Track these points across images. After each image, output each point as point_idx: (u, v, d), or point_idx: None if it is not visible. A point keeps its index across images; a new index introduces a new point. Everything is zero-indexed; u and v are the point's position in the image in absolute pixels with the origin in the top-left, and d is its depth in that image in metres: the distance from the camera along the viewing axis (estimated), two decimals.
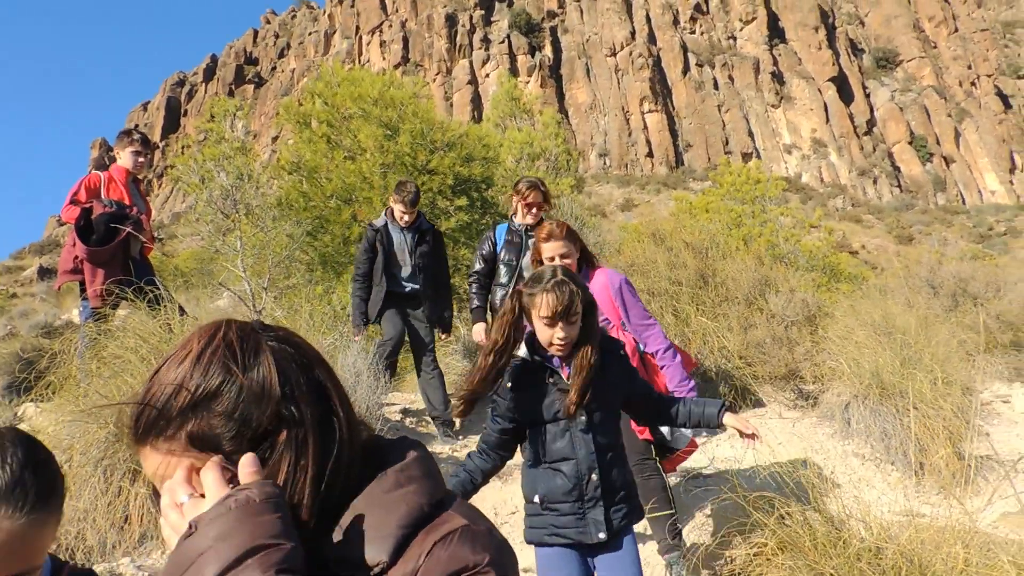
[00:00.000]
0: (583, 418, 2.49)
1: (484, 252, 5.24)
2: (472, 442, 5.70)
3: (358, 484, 1.00)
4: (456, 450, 5.60)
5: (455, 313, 6.80)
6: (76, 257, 5.31)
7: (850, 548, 2.74)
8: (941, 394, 4.67)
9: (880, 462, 4.95)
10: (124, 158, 5.71)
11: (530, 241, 4.86)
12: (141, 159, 5.76)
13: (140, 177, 5.92)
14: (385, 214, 5.95)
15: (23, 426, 5.03)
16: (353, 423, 1.03)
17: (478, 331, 5.19)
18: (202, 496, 0.91)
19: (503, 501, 4.79)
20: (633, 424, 3.42)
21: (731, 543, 3.27)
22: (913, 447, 4.49)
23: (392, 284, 5.78)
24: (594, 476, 2.49)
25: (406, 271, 5.85)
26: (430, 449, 4.54)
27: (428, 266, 5.90)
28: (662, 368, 3.62)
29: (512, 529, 4.43)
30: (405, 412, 6.55)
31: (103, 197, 5.47)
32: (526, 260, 4.93)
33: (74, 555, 3.57)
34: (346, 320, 8.19)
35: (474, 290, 5.29)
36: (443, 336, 6.30)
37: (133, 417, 0.97)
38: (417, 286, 5.86)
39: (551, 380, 2.53)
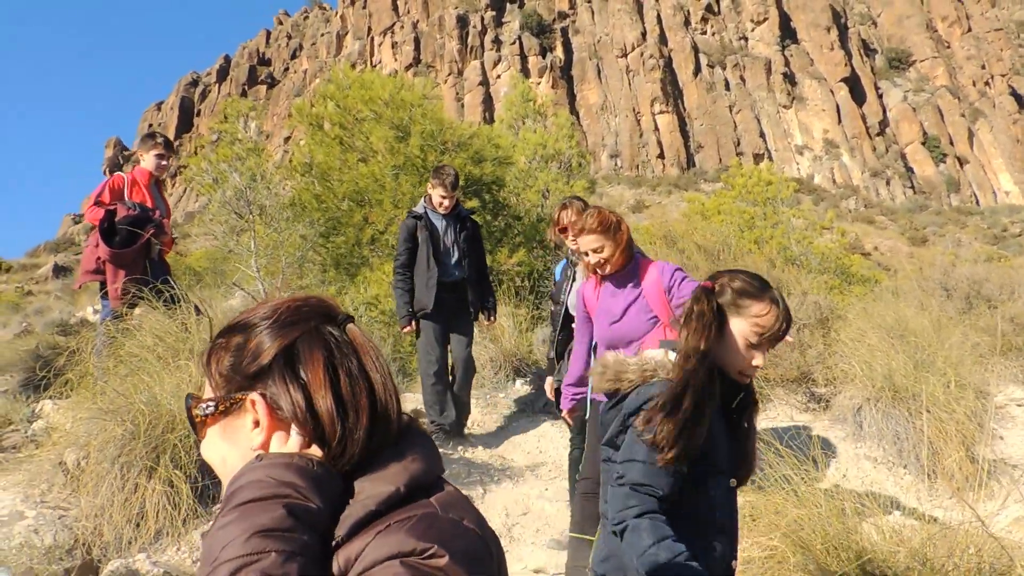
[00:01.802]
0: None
1: (552, 294, 4.87)
2: (484, 449, 5.70)
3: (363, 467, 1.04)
4: (471, 453, 5.59)
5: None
6: (99, 258, 5.39)
7: (863, 552, 2.74)
8: (954, 397, 4.66)
9: (892, 465, 4.94)
10: (148, 161, 5.80)
11: (575, 271, 4.50)
12: (164, 162, 5.85)
13: (161, 179, 5.99)
14: (423, 201, 5.73)
15: (41, 423, 5.09)
16: (374, 427, 1.05)
17: (550, 384, 4.60)
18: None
19: (514, 502, 4.81)
20: None
21: (743, 545, 3.28)
22: (926, 450, 4.47)
23: (441, 272, 5.56)
24: (734, 563, 1.97)
25: (453, 258, 5.67)
26: (464, 457, 4.55)
27: (471, 253, 5.76)
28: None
29: (523, 530, 4.45)
30: (417, 413, 6.57)
31: (126, 199, 5.54)
32: (573, 297, 4.36)
33: (91, 550, 3.61)
34: (359, 320, 8.23)
35: (552, 334, 4.76)
36: (488, 323, 6.19)
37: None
38: (463, 274, 5.70)
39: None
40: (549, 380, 4.63)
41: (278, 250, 9.61)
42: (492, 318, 6.11)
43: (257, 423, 1.03)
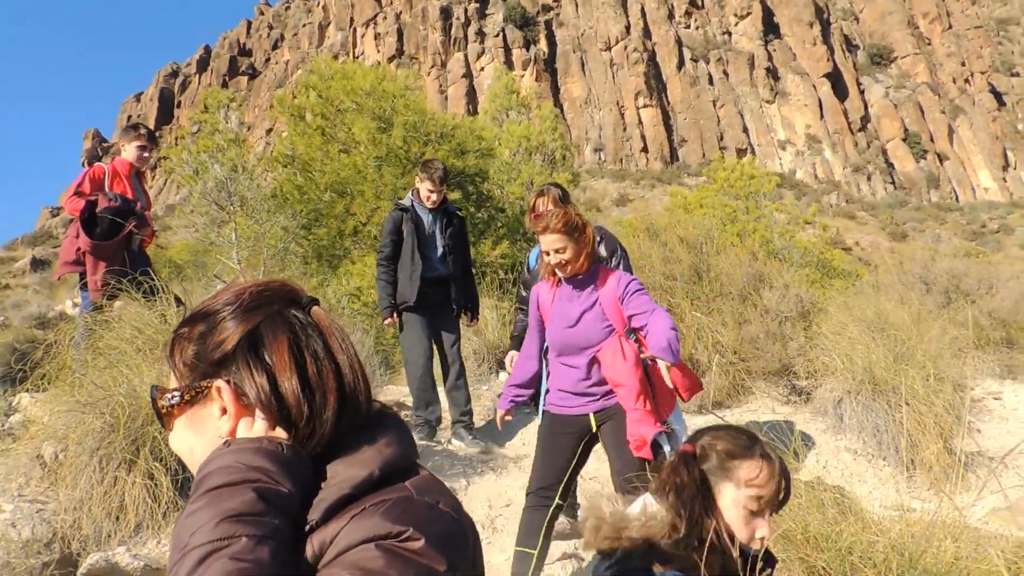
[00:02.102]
0: None
1: (524, 279, 4.85)
2: (490, 449, 5.66)
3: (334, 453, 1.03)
4: (473, 451, 5.56)
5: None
6: (79, 249, 5.32)
7: (842, 542, 2.76)
8: (933, 390, 4.71)
9: (872, 457, 4.98)
10: (129, 152, 5.72)
11: None
12: (146, 154, 5.78)
13: (142, 171, 5.92)
14: (411, 195, 5.64)
15: (18, 416, 5.03)
16: (343, 411, 1.05)
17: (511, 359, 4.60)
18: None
19: (497, 494, 4.81)
20: (632, 438, 3.13)
21: None
22: (905, 443, 4.52)
23: (426, 266, 5.48)
24: None
25: (437, 253, 5.58)
26: (447, 449, 4.51)
27: (456, 249, 5.67)
28: (644, 329, 3.21)
29: (507, 521, 4.45)
30: (399, 406, 6.56)
31: (107, 190, 5.47)
32: None
33: (70, 544, 3.58)
34: (341, 312, 8.20)
35: (520, 318, 4.86)
36: (470, 324, 6.14)
37: None
38: (447, 270, 5.61)
39: None
40: (512, 353, 4.57)
41: (260, 242, 9.56)
42: (475, 319, 6.04)
43: (224, 411, 1.02)
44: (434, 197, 5.48)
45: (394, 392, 7.06)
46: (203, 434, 1.04)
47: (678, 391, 3.37)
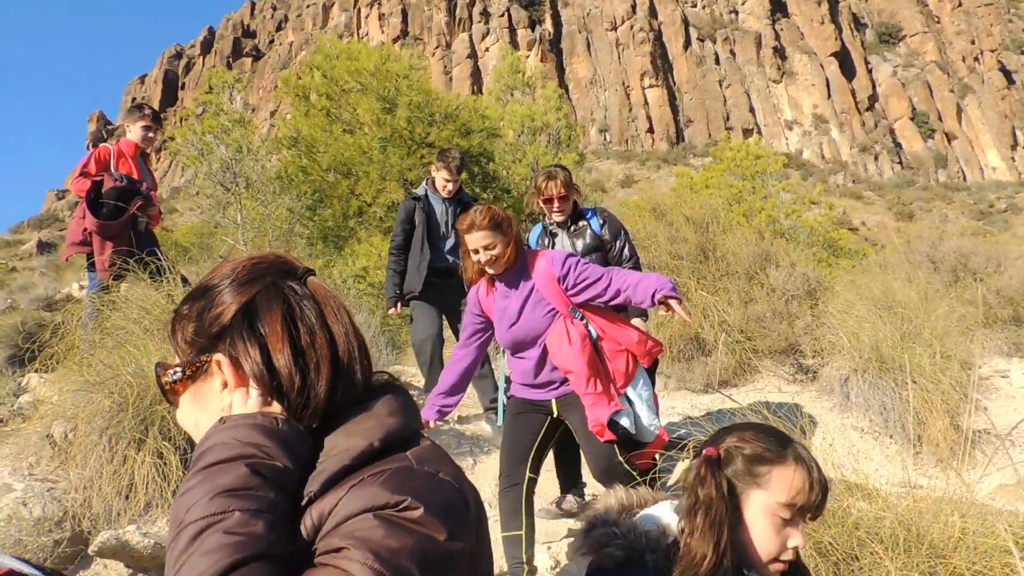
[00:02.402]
0: None
1: None
2: (475, 421, 5.72)
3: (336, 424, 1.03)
4: (463, 425, 5.60)
5: None
6: (85, 230, 5.33)
7: (849, 518, 2.77)
8: (940, 368, 4.70)
9: (879, 435, 4.99)
10: (134, 132, 5.71)
11: (554, 243, 4.37)
12: (151, 134, 5.77)
13: (147, 152, 5.91)
14: (425, 183, 5.54)
15: (28, 396, 5.07)
16: (339, 380, 1.05)
17: None
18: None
19: None
20: (591, 424, 3.08)
21: None
22: (911, 420, 4.51)
23: (435, 256, 5.37)
24: None
25: (449, 243, 5.43)
26: (455, 428, 4.49)
27: None
28: (632, 288, 3.07)
29: None
30: (407, 386, 6.58)
31: (113, 171, 5.47)
32: None
33: (80, 523, 3.61)
34: (347, 292, 8.21)
35: None
36: None
37: None
38: (457, 261, 5.34)
39: None
40: None
41: (265, 223, 9.56)
42: None
43: (225, 384, 1.02)
44: (450, 186, 5.39)
45: (400, 372, 7.08)
46: (207, 408, 1.05)
47: (637, 358, 3.28)
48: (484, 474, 4.82)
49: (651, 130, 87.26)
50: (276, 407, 1.01)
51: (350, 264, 9.36)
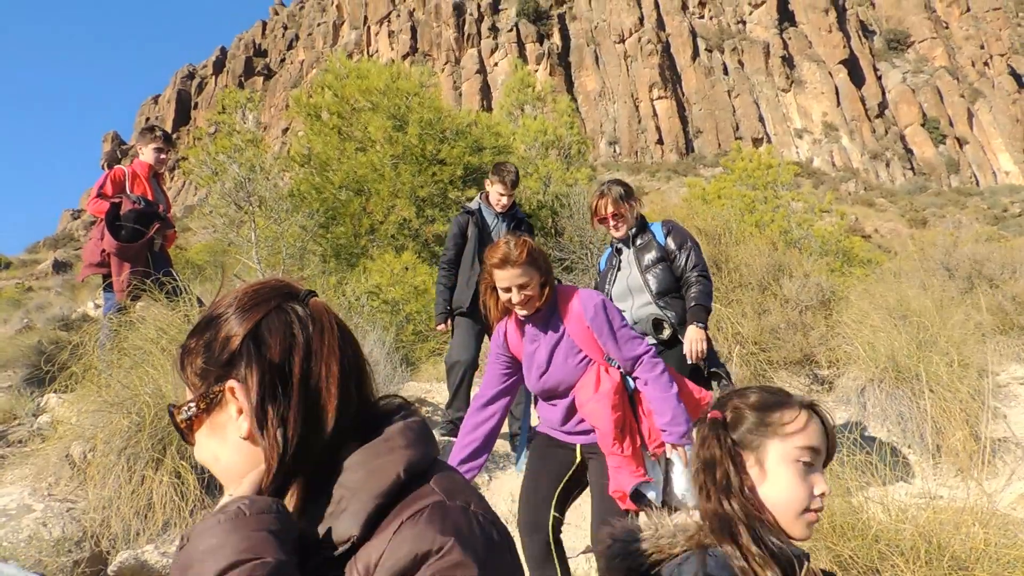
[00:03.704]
0: None
1: (597, 285, 4.52)
2: None
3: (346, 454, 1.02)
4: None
5: None
6: (103, 251, 5.39)
7: (869, 530, 2.75)
8: (957, 376, 4.66)
9: (897, 445, 4.95)
10: (147, 154, 5.79)
11: (621, 260, 4.16)
12: (163, 155, 5.85)
13: (160, 172, 5.99)
14: (479, 198, 5.45)
15: (46, 417, 5.11)
16: (343, 402, 1.04)
17: None
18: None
19: (520, 488, 4.82)
20: (611, 488, 2.76)
21: None
22: (930, 429, 4.49)
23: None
24: None
25: None
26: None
27: None
28: (653, 400, 2.83)
29: None
30: (420, 402, 6.58)
31: (129, 192, 5.54)
32: (619, 286, 4.11)
33: (99, 542, 3.62)
34: (360, 310, 8.23)
35: None
36: None
37: None
38: None
39: None
40: None
41: (278, 241, 9.61)
42: None
43: (241, 411, 1.02)
44: (504, 201, 5.30)
45: (414, 389, 7.08)
46: (225, 439, 1.04)
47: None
48: (500, 490, 4.81)
49: (660, 141, 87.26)
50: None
51: (363, 281, 9.39)
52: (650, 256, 4.03)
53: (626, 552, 1.48)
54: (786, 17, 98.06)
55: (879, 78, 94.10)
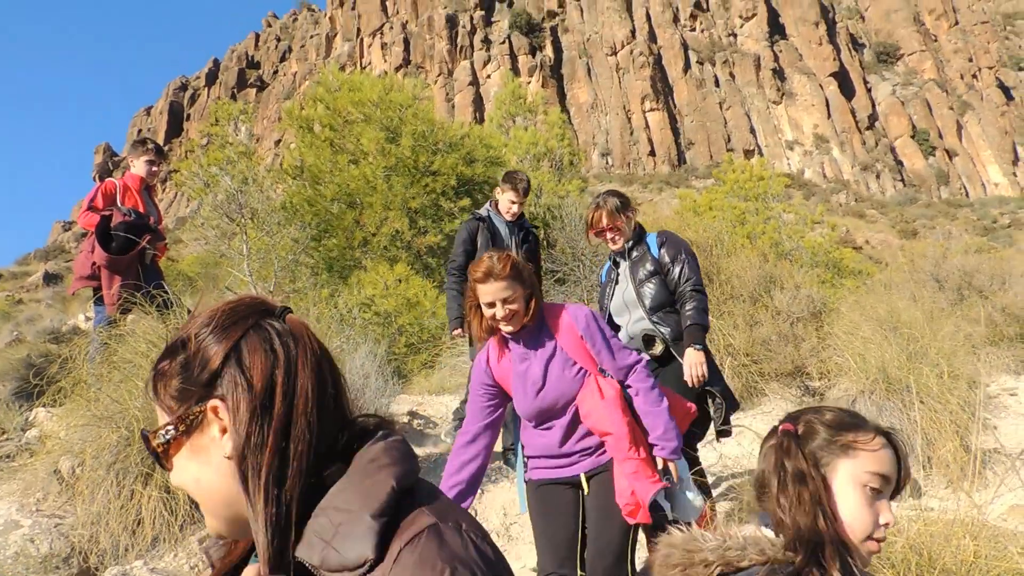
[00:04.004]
0: None
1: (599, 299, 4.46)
2: None
3: (331, 476, 1.01)
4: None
5: None
6: (94, 264, 5.38)
7: None
8: (947, 388, 4.68)
9: None
10: (138, 166, 5.78)
11: (619, 273, 4.07)
12: (155, 168, 5.84)
13: (152, 184, 5.98)
14: (489, 205, 5.40)
15: (35, 431, 5.07)
16: (322, 420, 1.03)
17: None
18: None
19: (512, 501, 4.81)
20: (624, 499, 2.63)
21: None
22: (920, 441, 4.49)
23: None
24: None
25: None
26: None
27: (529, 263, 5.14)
28: (644, 414, 2.79)
29: (521, 529, 4.45)
30: (412, 414, 6.57)
31: (120, 205, 5.53)
32: (616, 301, 4.03)
33: (87, 558, 3.59)
34: (352, 322, 8.22)
35: None
36: None
37: None
38: None
39: None
40: None
41: (270, 253, 9.59)
42: None
43: (224, 430, 1.00)
44: (515, 208, 5.27)
45: (407, 401, 7.07)
46: (208, 460, 1.02)
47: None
48: (492, 503, 4.80)
49: (652, 153, 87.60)
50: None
51: (355, 293, 9.38)
52: (644, 269, 3.93)
53: (689, 562, 1.40)
54: (777, 30, 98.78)
55: (869, 90, 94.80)
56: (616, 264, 4.07)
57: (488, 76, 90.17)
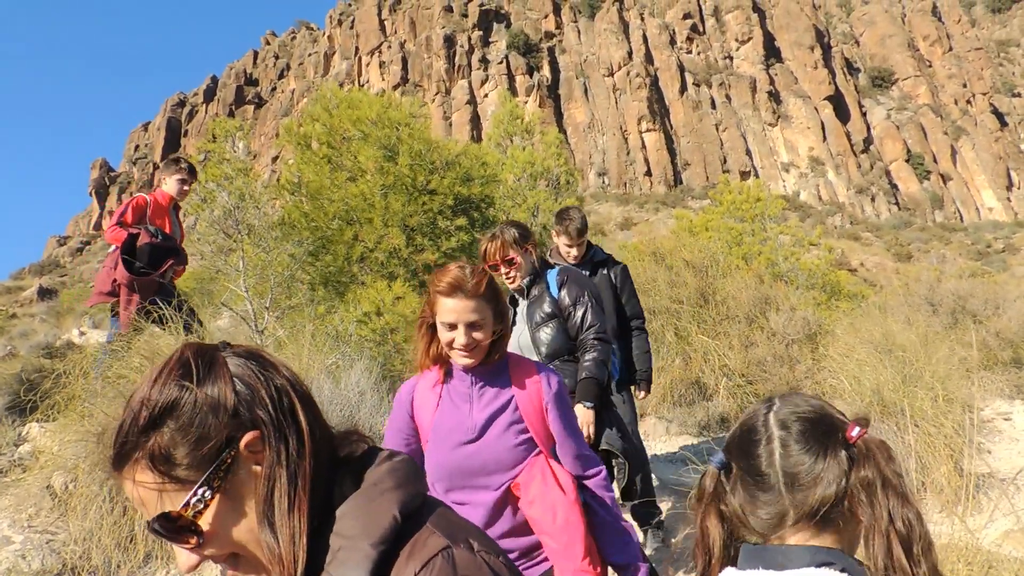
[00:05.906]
0: None
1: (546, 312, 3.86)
2: None
3: (331, 497, 1.00)
4: None
5: None
6: (115, 280, 5.38)
7: None
8: (942, 411, 4.69)
9: None
10: (170, 185, 5.82)
11: (516, 312, 3.59)
12: (186, 187, 5.90)
13: (180, 204, 6.02)
14: (550, 253, 4.69)
15: (27, 446, 5.04)
16: (320, 434, 1.03)
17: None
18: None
19: None
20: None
21: None
22: (914, 465, 4.50)
23: None
24: None
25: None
26: None
27: (610, 305, 4.45)
28: (603, 526, 2.24)
29: None
30: None
31: (148, 223, 5.56)
32: (511, 345, 3.24)
33: (79, 575, 3.57)
34: (348, 338, 8.20)
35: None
36: (641, 396, 4.84)
37: (108, 445, 1.00)
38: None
39: None
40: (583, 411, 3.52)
41: (267, 269, 9.58)
42: (645, 390, 4.75)
43: (260, 460, 0.97)
44: (574, 252, 4.52)
45: None
46: (252, 504, 0.96)
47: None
48: None
49: (649, 173, 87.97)
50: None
51: (352, 310, 9.36)
52: (541, 312, 3.48)
53: None
54: (772, 53, 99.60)
55: (864, 114, 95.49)
56: (513, 303, 3.57)
57: (485, 95, 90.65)
